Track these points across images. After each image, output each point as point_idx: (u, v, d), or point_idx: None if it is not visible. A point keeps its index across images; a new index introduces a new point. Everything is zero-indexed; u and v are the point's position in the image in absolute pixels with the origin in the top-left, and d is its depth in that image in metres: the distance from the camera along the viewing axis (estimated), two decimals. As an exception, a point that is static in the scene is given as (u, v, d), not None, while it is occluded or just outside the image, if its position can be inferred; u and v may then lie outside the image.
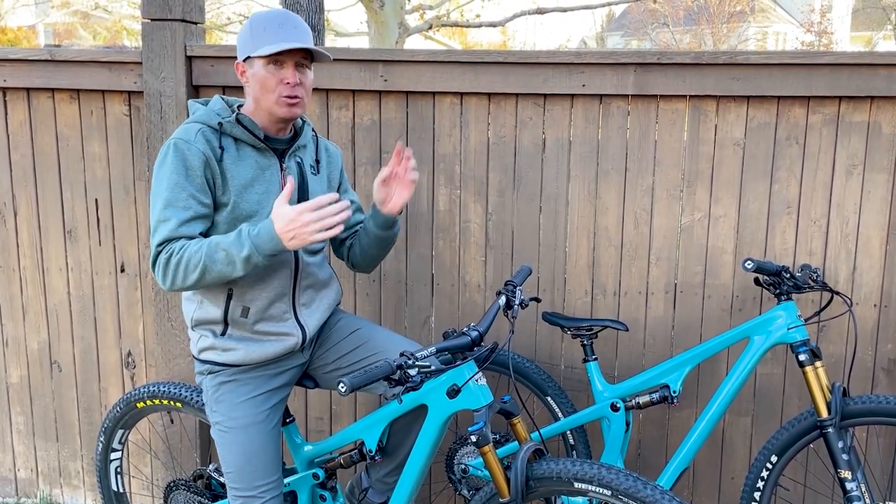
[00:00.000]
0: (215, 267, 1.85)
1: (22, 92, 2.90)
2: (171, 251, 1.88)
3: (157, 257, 1.90)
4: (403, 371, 1.72)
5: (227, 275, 1.87)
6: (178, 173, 1.90)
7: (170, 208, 1.90)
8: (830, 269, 2.68)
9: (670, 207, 2.70)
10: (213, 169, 1.95)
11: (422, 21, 11.96)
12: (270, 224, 1.84)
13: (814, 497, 2.84)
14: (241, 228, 1.87)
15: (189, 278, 1.87)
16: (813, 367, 2.32)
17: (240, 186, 1.98)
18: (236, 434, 2.06)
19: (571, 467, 1.81)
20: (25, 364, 3.10)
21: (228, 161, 1.97)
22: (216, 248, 1.85)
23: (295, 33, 1.96)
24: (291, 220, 1.81)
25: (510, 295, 2.13)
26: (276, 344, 2.07)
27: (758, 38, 27.89)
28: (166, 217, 1.89)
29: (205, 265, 1.85)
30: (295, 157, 2.10)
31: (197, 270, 1.85)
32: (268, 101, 1.97)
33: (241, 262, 1.84)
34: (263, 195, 2.02)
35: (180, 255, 1.86)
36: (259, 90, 1.98)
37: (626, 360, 2.82)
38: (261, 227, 1.85)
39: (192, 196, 1.91)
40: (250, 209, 2.00)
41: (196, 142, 1.93)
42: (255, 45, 1.95)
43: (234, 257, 1.84)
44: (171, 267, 1.87)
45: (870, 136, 2.60)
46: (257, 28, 1.96)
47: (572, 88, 2.62)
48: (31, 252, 3.01)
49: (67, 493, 3.18)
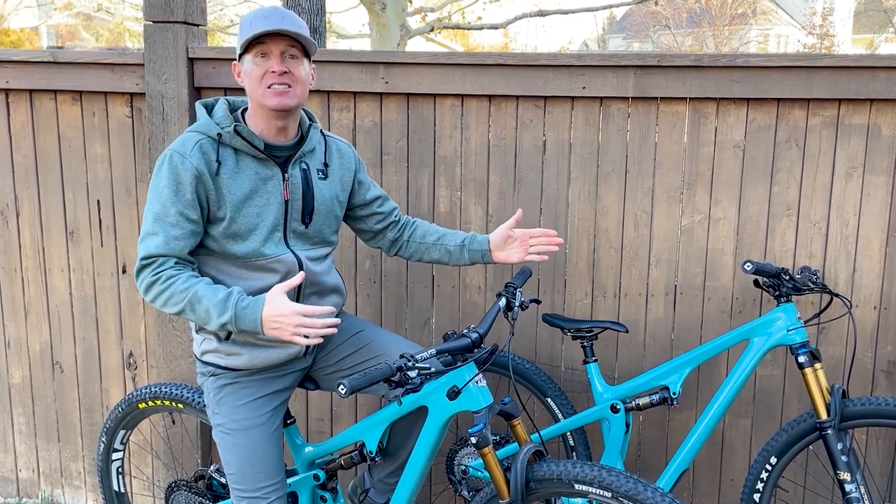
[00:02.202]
0: (193, 314, 1.89)
1: (24, 93, 2.92)
2: (157, 276, 1.90)
3: (141, 270, 1.92)
4: (403, 373, 1.72)
5: (202, 325, 1.93)
6: (169, 188, 1.91)
7: (159, 222, 1.91)
8: (830, 271, 2.69)
9: (670, 209, 2.71)
10: (207, 185, 1.93)
11: (423, 23, 11.98)
12: (260, 307, 1.85)
13: (813, 499, 2.85)
14: (231, 292, 1.89)
15: (168, 309, 1.92)
16: (812, 368, 2.32)
17: (237, 201, 1.96)
18: (238, 436, 2.07)
19: (572, 469, 1.82)
20: (27, 364, 3.11)
21: (225, 175, 1.95)
22: (199, 300, 1.87)
23: (280, 22, 1.92)
24: (282, 315, 1.82)
25: (510, 297, 2.13)
26: (279, 351, 2.06)
27: (759, 40, 27.90)
28: (154, 231, 1.91)
29: (183, 308, 1.89)
30: (300, 164, 2.05)
31: (176, 307, 1.90)
32: (257, 93, 1.94)
33: (217, 324, 1.88)
34: (263, 208, 1.99)
35: (165, 286, 1.89)
36: (250, 85, 1.95)
37: (626, 362, 2.82)
38: (250, 303, 1.87)
39: (180, 213, 1.91)
40: (249, 223, 1.97)
41: (191, 156, 1.91)
42: (241, 41, 1.95)
43: (212, 316, 1.87)
44: (153, 291, 1.91)
45: (869, 139, 2.61)
46: (245, 25, 1.95)
47: (573, 91, 2.63)
48: (34, 253, 3.02)
49: (69, 493, 3.19)
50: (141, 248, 1.92)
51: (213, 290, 1.88)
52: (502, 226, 2.24)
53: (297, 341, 1.82)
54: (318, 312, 1.83)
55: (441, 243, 2.31)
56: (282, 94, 1.93)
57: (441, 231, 2.33)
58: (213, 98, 2.09)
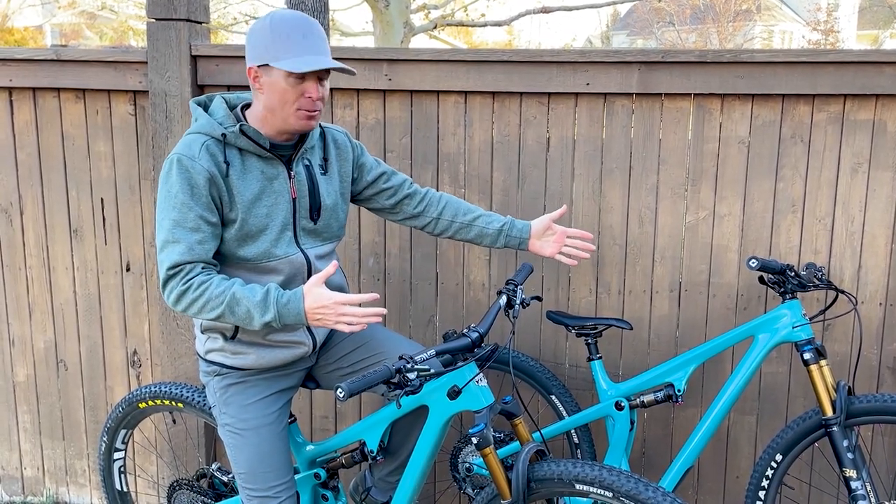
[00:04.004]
0: (232, 317, 1.83)
1: (28, 92, 2.92)
2: (188, 284, 1.83)
3: (168, 280, 1.85)
4: (402, 375, 1.71)
5: (242, 325, 1.86)
6: (184, 192, 1.85)
7: (178, 229, 1.84)
8: (835, 267, 2.68)
9: (675, 206, 2.70)
10: (219, 186, 1.89)
11: (427, 21, 11.97)
12: (301, 299, 1.81)
13: (819, 496, 2.84)
14: (268, 288, 1.83)
15: (203, 315, 1.85)
16: (818, 365, 2.32)
17: (247, 202, 1.92)
18: (248, 436, 2.06)
19: (573, 469, 1.81)
20: (32, 363, 3.12)
21: (234, 176, 1.91)
22: (238, 302, 1.82)
23: (322, 47, 1.87)
24: (325, 306, 1.78)
25: (511, 294, 2.12)
26: (286, 351, 2.05)
27: (764, 36, 27.81)
28: (176, 238, 1.84)
29: (223, 312, 1.83)
30: (303, 161, 2.03)
31: (213, 313, 1.83)
32: (285, 112, 1.88)
33: (259, 323, 1.82)
34: (272, 208, 1.96)
35: (199, 293, 1.83)
36: (277, 101, 1.88)
37: (630, 359, 2.81)
38: (290, 297, 1.81)
39: (199, 216, 1.85)
40: (260, 224, 1.94)
41: (200, 158, 1.86)
42: (276, 53, 1.84)
43: (254, 316, 1.82)
44: (186, 300, 1.84)
45: (875, 135, 2.59)
46: (280, 35, 1.84)
47: (577, 87, 2.62)
48: (38, 251, 3.02)
49: (73, 491, 3.19)
50: (164, 259, 1.85)
51: (250, 290, 1.83)
52: (546, 216, 2.30)
53: (340, 329, 1.79)
54: (358, 300, 1.80)
55: (477, 224, 2.27)
56: (311, 118, 1.92)
57: (474, 211, 2.28)
58: (205, 96, 2.04)
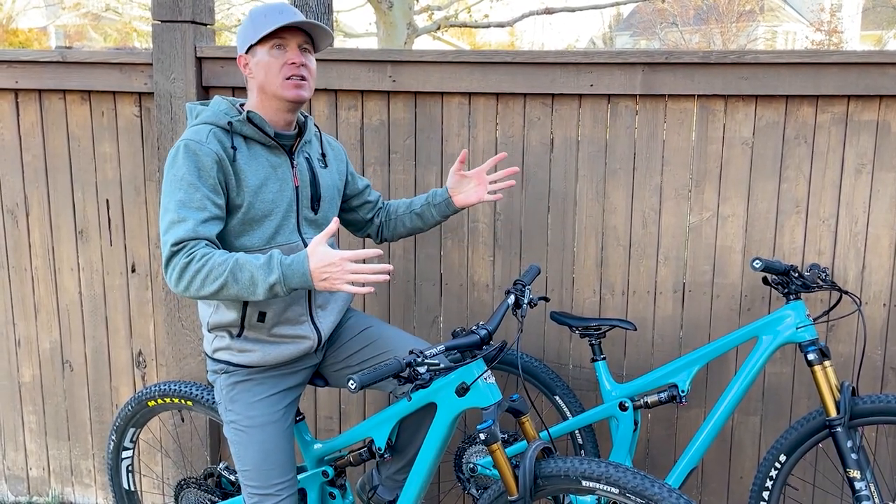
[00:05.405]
0: (235, 286, 1.79)
1: (34, 93, 2.93)
2: (191, 256, 1.80)
3: (172, 257, 1.82)
4: (413, 368, 1.73)
5: (244, 297, 1.81)
6: (191, 174, 1.87)
7: (184, 208, 1.84)
8: (839, 268, 2.68)
9: (678, 207, 2.70)
10: (227, 170, 1.92)
11: (430, 22, 11.98)
12: (305, 260, 1.77)
13: (823, 497, 2.84)
14: (272, 254, 1.80)
15: (205, 289, 1.81)
16: (822, 366, 2.32)
17: (254, 187, 1.96)
18: (253, 433, 2.07)
19: (579, 465, 1.82)
20: (37, 363, 3.13)
21: (242, 161, 1.95)
22: (242, 268, 1.78)
23: (296, 17, 1.97)
24: (331, 263, 1.74)
25: (519, 294, 2.13)
26: (291, 346, 2.07)
27: (767, 37, 27.77)
28: (182, 217, 1.83)
29: (225, 281, 1.79)
30: (303, 153, 2.10)
31: (216, 283, 1.79)
32: (273, 84, 1.96)
33: (264, 288, 1.78)
34: (278, 194, 2.01)
35: (202, 263, 1.79)
36: (264, 76, 1.96)
37: (634, 360, 2.82)
38: (294, 259, 1.78)
39: (206, 197, 1.87)
40: (265, 209, 1.98)
41: (208, 142, 1.90)
42: (256, 33, 1.95)
43: (258, 281, 1.78)
44: (189, 272, 1.80)
45: (879, 135, 2.60)
46: (258, 18, 1.96)
47: (580, 88, 2.63)
48: (43, 252, 3.03)
49: (79, 491, 3.21)
50: (169, 237, 1.82)
51: (253, 256, 1.81)
52: (451, 168, 2.34)
53: (347, 290, 1.75)
54: (365, 256, 1.75)
55: (410, 210, 2.37)
56: (299, 86, 1.98)
57: (407, 201, 2.41)
58: (199, 102, 2.12)
